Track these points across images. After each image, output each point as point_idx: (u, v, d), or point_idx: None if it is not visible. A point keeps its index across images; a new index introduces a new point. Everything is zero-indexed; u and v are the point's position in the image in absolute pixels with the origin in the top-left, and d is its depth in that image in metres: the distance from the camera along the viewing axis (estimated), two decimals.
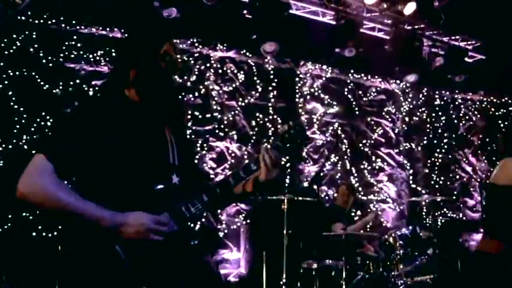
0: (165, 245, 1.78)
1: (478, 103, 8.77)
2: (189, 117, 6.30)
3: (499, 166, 3.03)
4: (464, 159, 8.47)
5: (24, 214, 5.00)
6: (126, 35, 2.07)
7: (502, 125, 8.69)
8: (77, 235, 1.76)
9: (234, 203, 5.57)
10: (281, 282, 4.79)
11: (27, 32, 5.49)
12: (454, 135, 8.41)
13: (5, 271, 4.57)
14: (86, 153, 1.77)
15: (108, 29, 5.96)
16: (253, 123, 6.76)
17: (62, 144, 1.77)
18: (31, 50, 5.49)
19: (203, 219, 6.00)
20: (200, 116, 6.39)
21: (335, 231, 5.13)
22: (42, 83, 5.48)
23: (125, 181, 1.80)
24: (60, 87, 5.57)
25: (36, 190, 1.70)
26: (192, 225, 1.90)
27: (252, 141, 6.68)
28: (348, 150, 7.41)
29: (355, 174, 7.37)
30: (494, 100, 8.83)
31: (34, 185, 1.70)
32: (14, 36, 5.42)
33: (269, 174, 1.97)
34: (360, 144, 7.59)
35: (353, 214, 6.77)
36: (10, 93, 5.29)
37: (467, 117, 8.64)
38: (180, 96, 6.10)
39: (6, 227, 4.93)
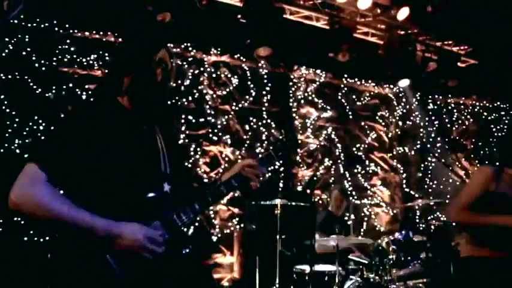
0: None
1: (470, 107, 8.82)
2: (182, 121, 6.29)
3: None
4: (457, 163, 8.50)
5: (15, 218, 4.97)
6: (121, 41, 2.08)
7: (494, 129, 8.74)
8: (68, 242, 1.73)
9: None
10: (274, 287, 4.77)
11: (20, 36, 5.47)
12: (446, 140, 8.45)
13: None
14: (77, 161, 1.75)
15: (101, 32, 5.95)
16: (247, 127, 6.76)
17: (54, 153, 1.75)
18: (24, 53, 5.47)
19: (196, 224, 5.98)
20: (194, 120, 6.38)
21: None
22: (35, 87, 5.46)
23: (117, 189, 1.78)
24: (53, 91, 5.54)
25: (28, 200, 1.67)
26: (183, 232, 1.90)
27: (246, 145, 6.68)
28: (342, 154, 7.43)
29: (349, 178, 7.39)
30: (487, 104, 8.88)
31: (26, 195, 1.68)
32: (7, 39, 5.39)
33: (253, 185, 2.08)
34: (354, 149, 7.60)
35: (346, 218, 6.78)
36: (2, 96, 5.27)
37: (460, 121, 8.68)
38: (172, 102, 6.10)
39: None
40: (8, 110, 5.26)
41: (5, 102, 5.27)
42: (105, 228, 1.69)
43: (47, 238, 5.03)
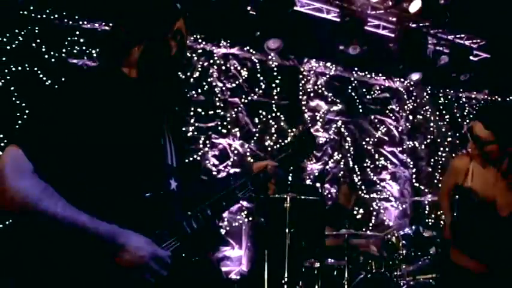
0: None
1: (482, 102, 8.72)
2: (191, 113, 6.27)
3: None
4: None
5: None
6: (134, 2, 1.78)
7: None
8: (59, 247, 1.42)
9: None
10: (283, 281, 4.76)
11: (29, 27, 5.46)
12: (457, 134, 8.36)
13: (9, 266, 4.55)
14: (70, 147, 1.43)
15: (111, 24, 5.91)
16: (256, 120, 6.73)
17: (43, 136, 1.41)
18: (33, 45, 5.47)
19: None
20: (203, 113, 6.36)
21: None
22: (44, 79, 5.46)
23: (115, 185, 1.50)
24: None
25: (13, 197, 1.33)
26: (193, 241, 1.67)
27: (255, 138, 6.65)
28: (351, 148, 7.39)
29: (358, 173, 7.34)
30: (499, 99, 8.77)
31: (10, 191, 1.33)
32: (16, 31, 5.39)
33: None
34: (363, 143, 7.55)
35: (355, 213, 6.75)
36: (12, 88, 5.27)
37: (471, 116, 8.58)
38: (184, 89, 6.05)
39: (7, 222, 4.92)
40: (17, 102, 5.26)
41: (15, 94, 5.27)
42: (108, 236, 1.41)
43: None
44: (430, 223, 7.43)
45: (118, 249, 1.42)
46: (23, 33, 5.42)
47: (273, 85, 6.91)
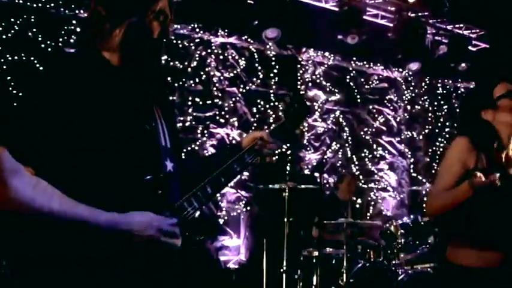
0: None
1: None
2: (189, 103, 6.25)
3: None
4: None
5: None
6: None
7: None
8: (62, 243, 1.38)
9: None
10: (281, 270, 4.77)
11: (25, 16, 5.41)
12: (455, 124, 8.36)
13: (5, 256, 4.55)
14: (59, 138, 1.40)
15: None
16: (254, 110, 6.71)
17: (30, 131, 1.38)
18: (29, 34, 5.42)
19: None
20: (201, 103, 6.34)
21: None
22: (41, 68, 5.42)
23: (111, 171, 1.46)
24: None
25: (5, 199, 1.26)
26: (196, 220, 1.69)
27: (253, 128, 6.64)
28: (349, 138, 7.38)
29: (356, 163, 7.35)
30: None
31: (1, 192, 1.26)
32: (12, 20, 5.33)
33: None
34: (361, 132, 7.55)
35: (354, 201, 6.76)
36: (8, 78, 5.23)
37: None
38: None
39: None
40: (14, 92, 5.23)
41: (11, 84, 5.23)
42: (110, 225, 1.38)
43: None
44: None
45: (125, 237, 1.40)
46: (18, 22, 5.37)
47: (271, 75, 6.88)
